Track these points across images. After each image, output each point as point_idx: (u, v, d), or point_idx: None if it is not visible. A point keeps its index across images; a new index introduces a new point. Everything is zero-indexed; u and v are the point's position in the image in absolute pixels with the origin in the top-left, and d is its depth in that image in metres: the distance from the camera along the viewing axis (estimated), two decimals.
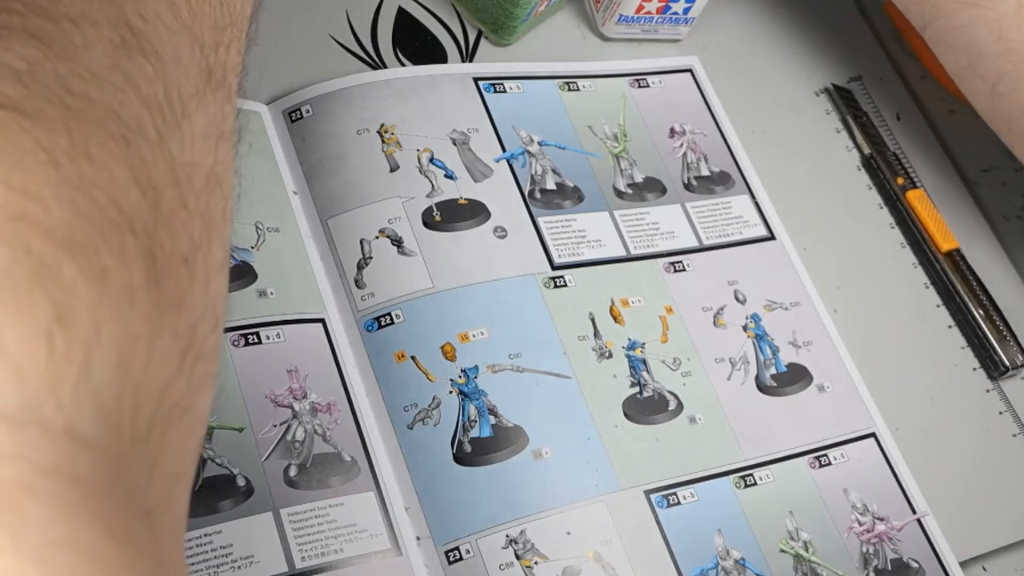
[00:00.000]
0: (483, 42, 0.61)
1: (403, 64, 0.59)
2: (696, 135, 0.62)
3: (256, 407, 0.47)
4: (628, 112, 0.61)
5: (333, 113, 0.55)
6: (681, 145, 0.61)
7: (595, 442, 0.51)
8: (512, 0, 0.58)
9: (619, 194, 0.58)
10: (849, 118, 0.66)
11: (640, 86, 0.63)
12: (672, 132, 0.62)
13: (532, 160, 0.57)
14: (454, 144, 0.56)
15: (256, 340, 0.48)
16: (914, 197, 0.63)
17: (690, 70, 0.64)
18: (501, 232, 0.54)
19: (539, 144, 0.58)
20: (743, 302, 0.57)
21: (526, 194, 0.56)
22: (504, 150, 0.57)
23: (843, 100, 0.66)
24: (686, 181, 0.60)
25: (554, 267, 0.54)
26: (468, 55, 0.61)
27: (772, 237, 0.60)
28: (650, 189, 0.59)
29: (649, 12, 0.62)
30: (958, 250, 0.62)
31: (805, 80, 0.67)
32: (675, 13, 0.62)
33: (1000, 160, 0.67)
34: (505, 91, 0.59)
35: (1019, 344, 0.60)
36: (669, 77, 0.64)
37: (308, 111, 0.55)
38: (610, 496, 0.49)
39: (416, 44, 0.60)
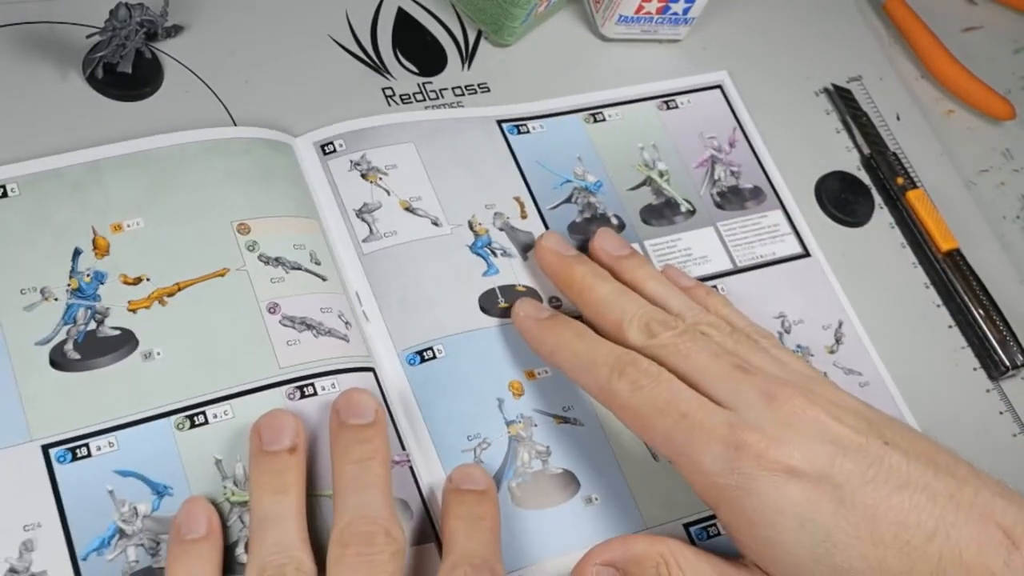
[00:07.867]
0: (483, 43, 0.61)
1: (402, 65, 0.59)
2: (726, 151, 0.61)
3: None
4: (659, 136, 0.60)
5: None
6: (709, 158, 0.60)
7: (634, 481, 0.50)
8: (512, 0, 0.58)
9: (645, 220, 0.57)
10: (849, 118, 0.66)
11: (668, 108, 0.61)
12: (703, 148, 0.61)
13: (581, 196, 0.57)
14: (500, 230, 0.54)
15: (312, 392, 0.47)
16: (914, 197, 0.63)
17: (719, 86, 0.63)
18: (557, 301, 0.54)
19: (586, 188, 0.57)
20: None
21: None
22: (531, 193, 0.56)
23: (843, 100, 0.66)
24: (712, 195, 0.59)
25: None
26: (468, 56, 0.61)
27: (807, 254, 0.60)
28: (676, 211, 0.58)
29: (649, 12, 0.62)
30: (958, 250, 0.62)
31: (805, 80, 0.67)
32: (675, 13, 0.62)
33: (999, 160, 0.67)
34: (529, 131, 0.58)
35: (1019, 344, 0.60)
36: (698, 95, 0.63)
37: (342, 146, 0.54)
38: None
39: (415, 45, 0.60)
